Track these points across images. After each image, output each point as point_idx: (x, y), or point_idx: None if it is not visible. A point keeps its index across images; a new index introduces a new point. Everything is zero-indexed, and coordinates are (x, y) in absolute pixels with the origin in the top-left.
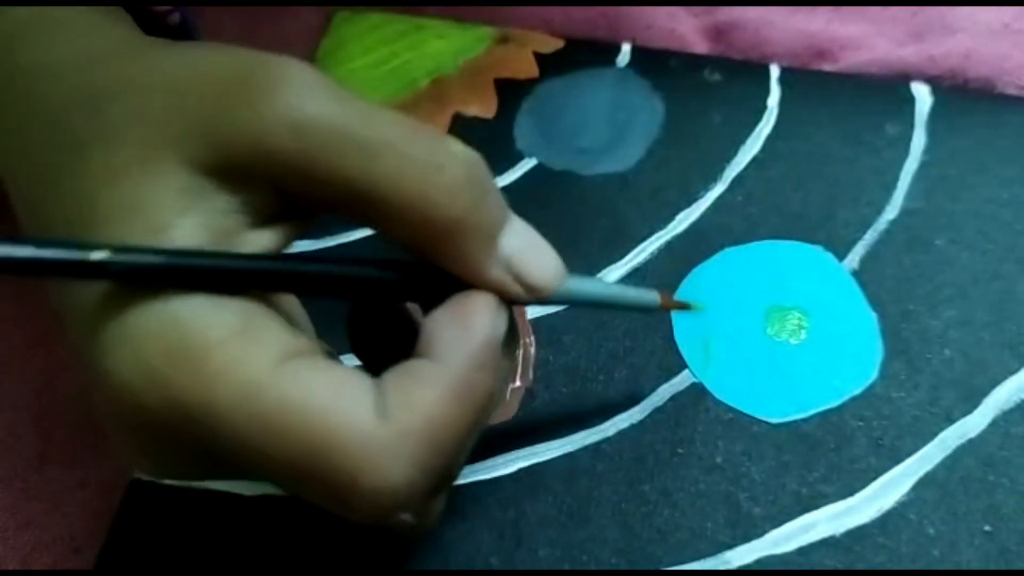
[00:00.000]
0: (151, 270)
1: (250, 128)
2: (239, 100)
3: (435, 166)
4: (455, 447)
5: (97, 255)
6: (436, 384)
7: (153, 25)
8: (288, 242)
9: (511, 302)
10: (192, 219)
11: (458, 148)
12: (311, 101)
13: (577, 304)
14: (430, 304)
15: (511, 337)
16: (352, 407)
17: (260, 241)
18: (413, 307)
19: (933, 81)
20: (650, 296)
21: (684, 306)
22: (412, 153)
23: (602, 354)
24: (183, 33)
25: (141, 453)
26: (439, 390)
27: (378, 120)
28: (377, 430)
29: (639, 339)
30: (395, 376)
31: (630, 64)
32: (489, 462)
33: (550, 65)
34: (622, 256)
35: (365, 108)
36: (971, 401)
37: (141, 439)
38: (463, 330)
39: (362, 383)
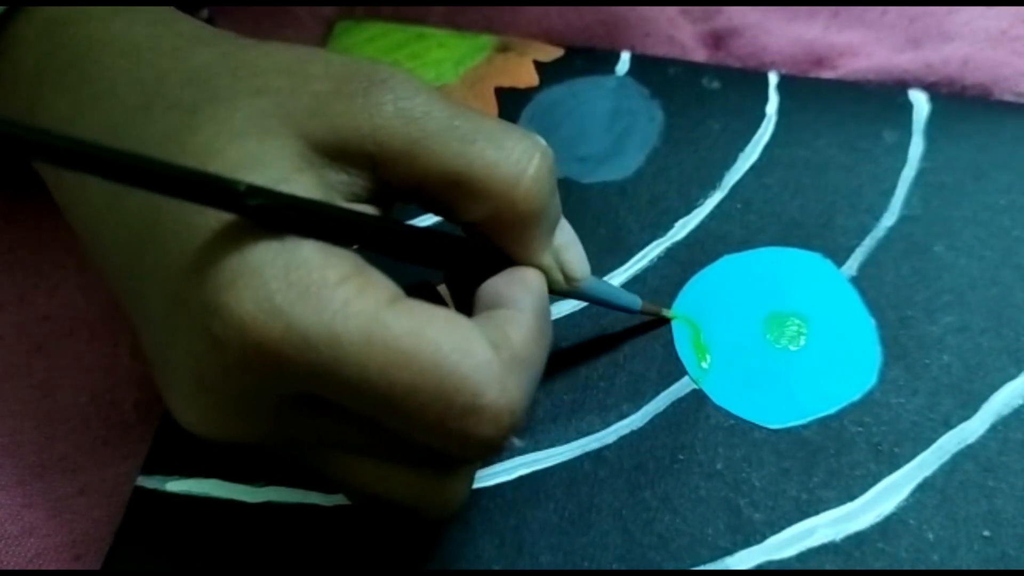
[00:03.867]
0: (284, 210)
1: (366, 114)
2: (356, 90)
3: (527, 156)
4: (538, 381)
5: (243, 186)
6: (523, 325)
7: None
8: None
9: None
10: (308, 178)
11: (543, 143)
12: (419, 96)
13: (581, 298)
14: (468, 279)
15: None
16: (470, 337)
17: None
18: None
19: (931, 88)
20: (633, 299)
21: (658, 313)
22: (507, 143)
23: (602, 361)
24: None
25: (213, 404)
26: (526, 330)
27: (475, 114)
28: (492, 355)
29: (639, 346)
30: (485, 320)
31: (629, 72)
32: (490, 469)
33: (550, 74)
34: (622, 263)
35: (463, 105)
36: (970, 406)
37: (227, 385)
38: (527, 289)
39: (469, 320)
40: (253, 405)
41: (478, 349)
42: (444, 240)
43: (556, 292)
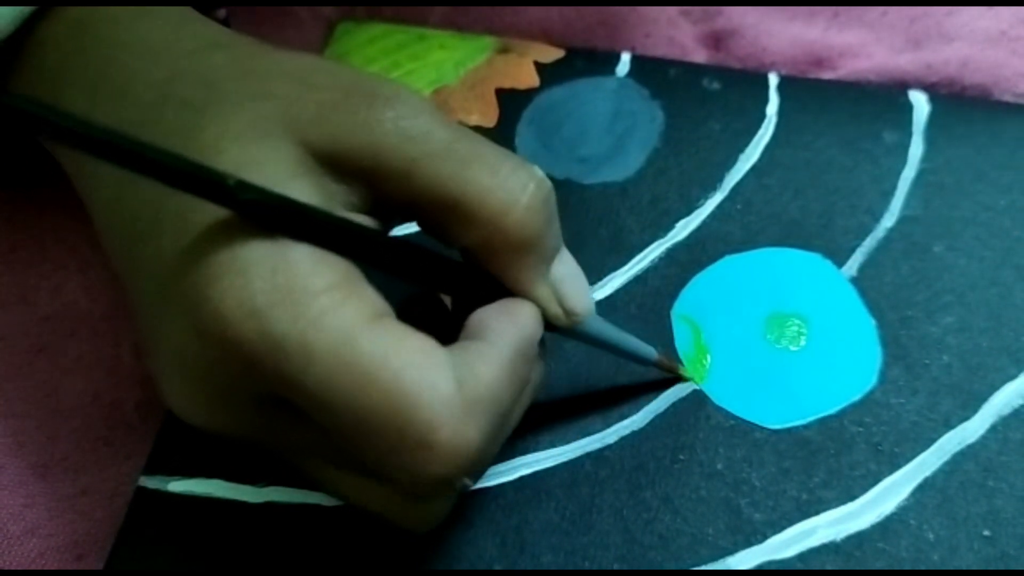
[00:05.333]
0: (275, 209)
1: (366, 129)
2: (359, 104)
3: (520, 186)
4: (504, 422)
5: (233, 180)
6: (493, 362)
7: None
8: None
9: (545, 322)
10: (305, 183)
11: (540, 173)
12: (421, 116)
13: (587, 341)
14: (467, 302)
15: (541, 354)
16: (437, 368)
17: None
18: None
19: (931, 89)
20: (648, 350)
21: (674, 370)
22: (502, 171)
23: (603, 361)
24: None
25: (196, 393)
26: (496, 367)
27: (474, 139)
28: (454, 392)
29: None
30: (459, 350)
31: (630, 73)
32: (491, 469)
33: (550, 75)
34: (622, 264)
35: (464, 129)
36: (970, 407)
37: (209, 377)
38: (511, 323)
39: (442, 351)
40: (234, 399)
41: (441, 383)
42: (434, 260)
43: (559, 331)
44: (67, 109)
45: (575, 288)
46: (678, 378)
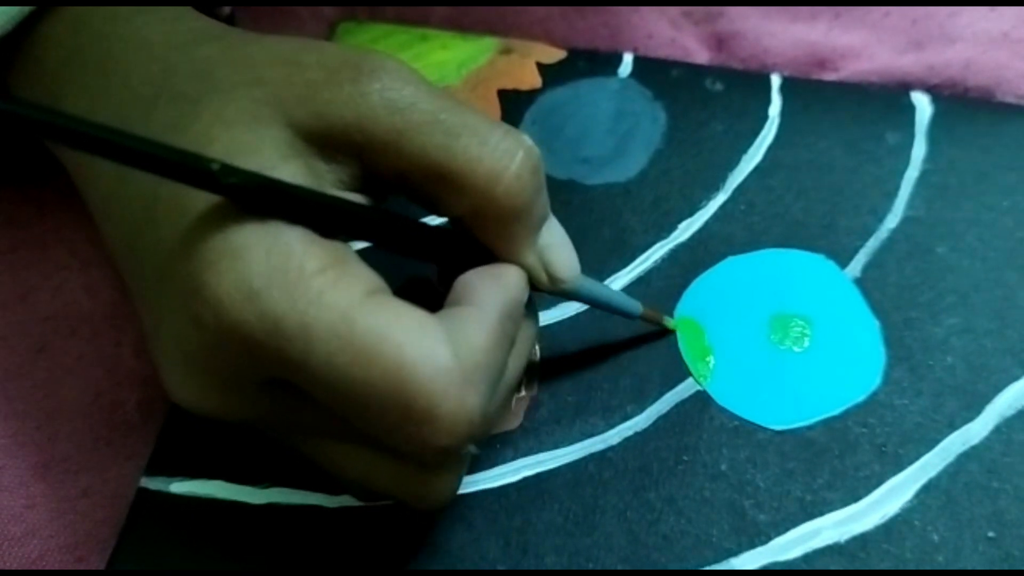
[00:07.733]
0: (263, 192)
1: (352, 103)
2: (345, 78)
3: (509, 154)
4: (498, 383)
5: (217, 165)
6: (483, 326)
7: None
8: None
9: (532, 287)
10: (294, 165)
11: (529, 141)
12: (407, 87)
13: (573, 299)
14: (457, 272)
15: (530, 311)
16: (434, 340)
17: None
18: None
19: (933, 90)
20: (634, 304)
21: (659, 322)
22: (490, 139)
23: (607, 363)
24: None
25: (198, 380)
26: (488, 331)
27: (462, 108)
28: (453, 363)
29: (643, 347)
30: (449, 317)
31: (632, 74)
32: (495, 471)
33: (553, 75)
34: (625, 265)
35: (451, 97)
36: (974, 408)
37: (210, 363)
38: (497, 284)
39: (435, 321)
40: (236, 384)
41: (440, 355)
42: (422, 230)
43: (548, 292)
44: (70, 106)
45: (561, 255)
46: (664, 331)
